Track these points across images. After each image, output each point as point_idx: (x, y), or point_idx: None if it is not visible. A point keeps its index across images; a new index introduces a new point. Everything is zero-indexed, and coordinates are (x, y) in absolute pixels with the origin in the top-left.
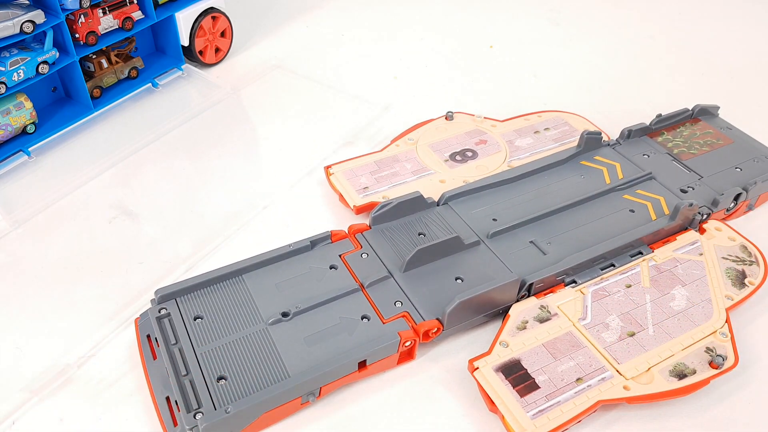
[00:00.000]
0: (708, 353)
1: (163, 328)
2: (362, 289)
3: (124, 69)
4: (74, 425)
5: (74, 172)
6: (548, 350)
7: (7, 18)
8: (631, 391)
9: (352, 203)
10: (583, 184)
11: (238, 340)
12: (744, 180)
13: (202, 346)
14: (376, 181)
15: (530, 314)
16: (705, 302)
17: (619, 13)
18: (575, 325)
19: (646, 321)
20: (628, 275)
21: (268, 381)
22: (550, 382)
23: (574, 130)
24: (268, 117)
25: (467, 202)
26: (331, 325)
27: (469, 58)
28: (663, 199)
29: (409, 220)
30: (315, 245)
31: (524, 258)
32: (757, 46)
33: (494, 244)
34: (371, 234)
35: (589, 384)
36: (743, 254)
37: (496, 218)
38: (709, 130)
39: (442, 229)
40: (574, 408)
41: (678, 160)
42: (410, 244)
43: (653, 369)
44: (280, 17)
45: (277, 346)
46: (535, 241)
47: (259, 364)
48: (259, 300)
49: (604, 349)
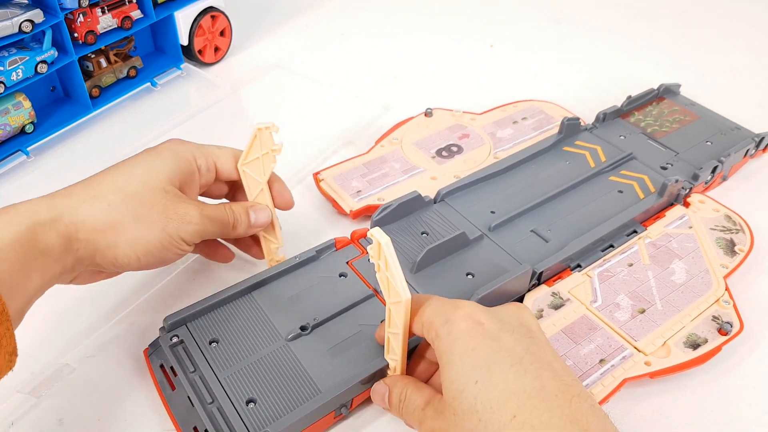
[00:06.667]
0: (715, 321)
1: (178, 356)
2: (376, 294)
3: (123, 68)
4: (74, 426)
5: (73, 171)
6: (567, 335)
7: (6, 17)
8: (653, 366)
9: (348, 208)
10: (570, 170)
11: (260, 360)
12: (716, 153)
13: (224, 371)
14: (368, 183)
15: (544, 302)
16: (703, 273)
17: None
18: (588, 308)
19: (653, 297)
20: (627, 254)
21: (298, 398)
22: (575, 366)
23: (550, 118)
24: (268, 116)
25: (463, 197)
26: (352, 334)
27: (469, 57)
28: (647, 177)
29: (409, 221)
30: (321, 254)
31: (528, 247)
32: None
33: (497, 236)
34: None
35: (612, 364)
36: (729, 223)
37: (494, 210)
38: (675, 107)
39: (444, 227)
40: (604, 389)
41: (653, 138)
42: (416, 245)
43: (668, 342)
44: (280, 17)
45: (302, 362)
46: (535, 229)
47: (286, 382)
48: (273, 316)
49: (620, 328)
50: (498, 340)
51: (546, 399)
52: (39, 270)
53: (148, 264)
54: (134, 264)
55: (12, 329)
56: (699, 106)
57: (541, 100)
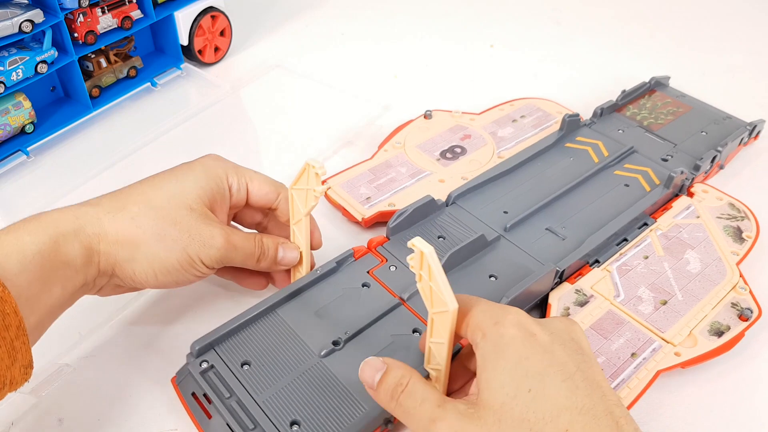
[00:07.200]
0: (735, 308)
1: (211, 382)
2: (403, 302)
3: (123, 68)
4: (74, 426)
5: (73, 171)
6: (597, 332)
7: (6, 17)
8: (683, 356)
9: (360, 216)
10: (575, 166)
11: (297, 380)
12: (713, 142)
13: (261, 394)
14: (377, 189)
15: (569, 300)
16: (716, 261)
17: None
18: (613, 303)
19: (672, 288)
20: (642, 247)
21: (342, 416)
22: (609, 362)
23: (548, 115)
24: (268, 116)
25: (474, 199)
26: (385, 345)
27: (469, 57)
28: (650, 170)
29: (424, 225)
30: (341, 266)
31: (546, 245)
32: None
33: (513, 236)
34: (392, 245)
35: (644, 357)
36: (733, 211)
37: (506, 210)
38: (667, 99)
39: (460, 230)
40: (639, 383)
41: (650, 131)
42: (438, 251)
43: (694, 332)
44: (280, 17)
45: (339, 378)
46: (550, 227)
47: (327, 400)
48: (302, 333)
49: (645, 321)
50: (551, 353)
51: (596, 418)
52: (60, 281)
53: (166, 283)
54: (152, 281)
55: (28, 343)
56: (689, 97)
57: (537, 97)
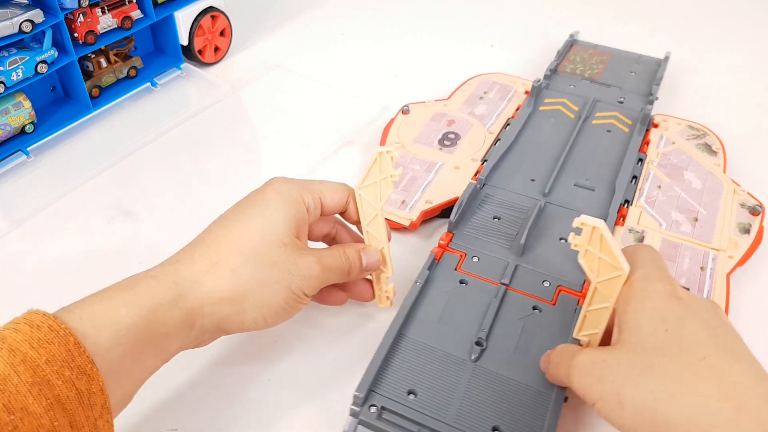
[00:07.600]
0: (744, 207)
1: (391, 423)
2: (507, 287)
3: (123, 68)
4: None
5: (73, 171)
6: (666, 259)
7: (6, 17)
8: (735, 258)
9: (407, 220)
10: (559, 125)
11: (467, 390)
12: (645, 79)
13: (447, 414)
14: (405, 191)
15: (629, 240)
16: (709, 175)
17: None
18: (662, 233)
19: (693, 206)
20: (650, 180)
21: (534, 407)
22: (691, 280)
23: (506, 86)
24: (268, 116)
25: (499, 176)
26: (519, 329)
27: (469, 57)
28: (617, 113)
29: (473, 212)
30: (432, 271)
31: (584, 199)
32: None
33: (554, 199)
34: (460, 239)
35: (711, 267)
36: (693, 131)
37: (533, 179)
38: (589, 51)
39: (508, 207)
40: (720, 290)
41: (594, 81)
42: (502, 231)
43: (731, 235)
44: (280, 17)
45: (503, 374)
46: (577, 182)
47: (510, 398)
48: (442, 345)
49: (693, 239)
50: (693, 311)
51: (737, 357)
52: (154, 352)
53: (275, 322)
54: (261, 324)
55: (111, 420)
56: (602, 46)
57: (488, 72)
